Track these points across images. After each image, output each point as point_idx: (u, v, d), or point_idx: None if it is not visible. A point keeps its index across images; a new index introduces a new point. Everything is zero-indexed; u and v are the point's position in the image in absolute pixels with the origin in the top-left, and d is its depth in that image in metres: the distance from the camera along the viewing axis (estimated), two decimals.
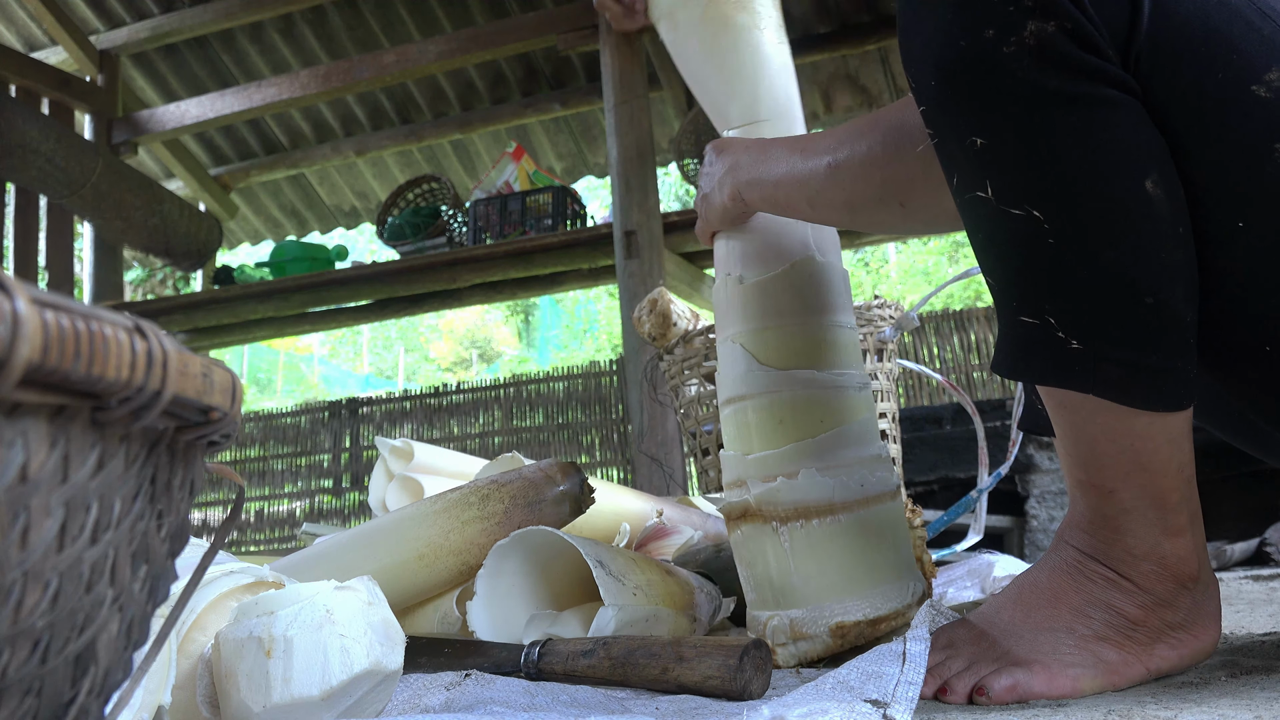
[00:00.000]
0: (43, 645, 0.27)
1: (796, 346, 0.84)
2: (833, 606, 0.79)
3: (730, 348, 0.86)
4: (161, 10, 3.78)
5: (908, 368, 1.66)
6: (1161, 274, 0.57)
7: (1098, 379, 0.59)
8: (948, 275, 11.10)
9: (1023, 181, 0.58)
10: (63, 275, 3.72)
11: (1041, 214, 0.58)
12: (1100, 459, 0.63)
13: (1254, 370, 0.62)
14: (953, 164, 0.62)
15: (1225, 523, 2.15)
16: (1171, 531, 0.63)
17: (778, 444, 0.82)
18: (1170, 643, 0.64)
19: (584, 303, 13.99)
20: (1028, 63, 0.56)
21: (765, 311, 0.85)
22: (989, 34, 0.56)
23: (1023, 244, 0.59)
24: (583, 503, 1.00)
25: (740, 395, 0.85)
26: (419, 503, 0.94)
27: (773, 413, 0.83)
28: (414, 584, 0.89)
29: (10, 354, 0.21)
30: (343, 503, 5.49)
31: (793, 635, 0.80)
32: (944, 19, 0.59)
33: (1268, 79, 0.54)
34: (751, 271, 0.86)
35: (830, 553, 0.80)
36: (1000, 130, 0.58)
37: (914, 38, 0.62)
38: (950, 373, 4.54)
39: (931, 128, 0.63)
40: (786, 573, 0.80)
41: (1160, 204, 0.56)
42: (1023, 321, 0.62)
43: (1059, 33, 0.55)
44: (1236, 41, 0.55)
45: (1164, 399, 0.60)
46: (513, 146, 3.60)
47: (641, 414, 2.77)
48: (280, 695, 0.54)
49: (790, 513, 0.80)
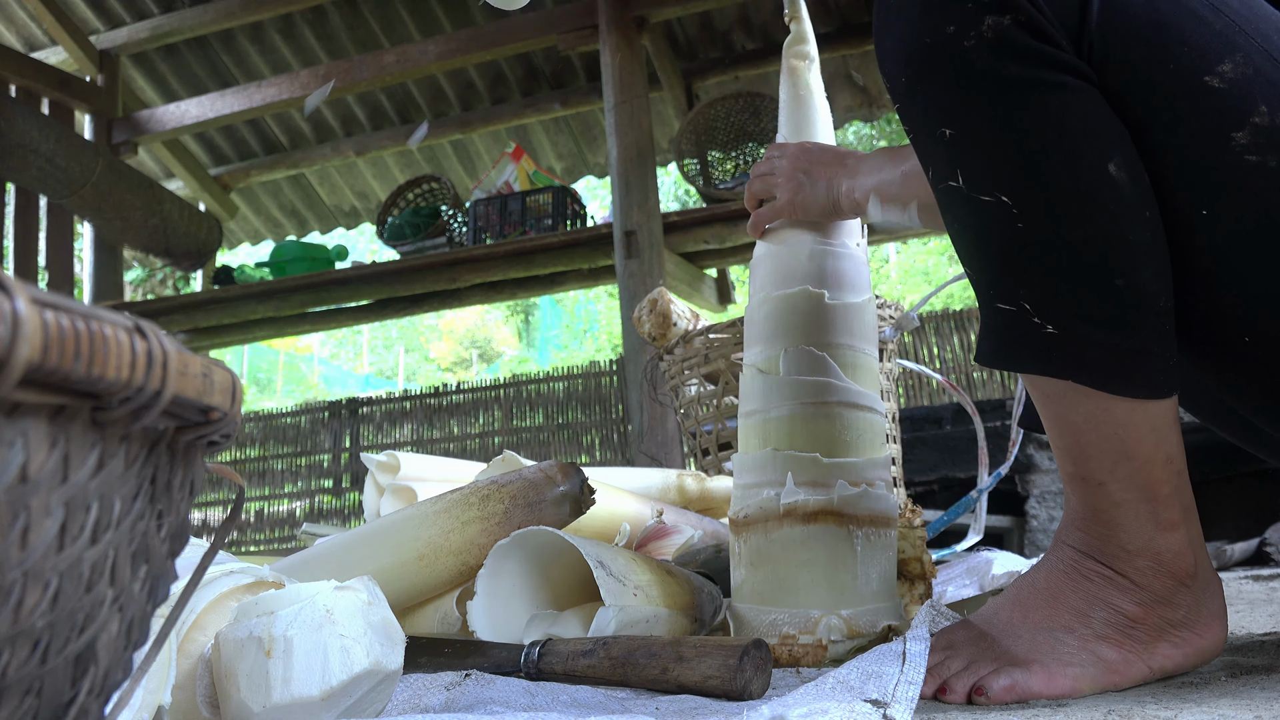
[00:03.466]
0: (43, 645, 0.27)
1: (860, 366, 0.92)
2: (884, 608, 0.86)
3: (815, 355, 0.90)
4: (161, 10, 3.78)
5: (908, 368, 1.66)
6: (1130, 254, 0.59)
7: (1075, 364, 0.61)
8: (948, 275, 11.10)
9: (990, 168, 0.61)
10: (63, 275, 3.73)
11: (1010, 199, 0.60)
12: (1086, 449, 0.64)
13: (1234, 360, 0.63)
14: (927, 156, 0.65)
15: (1225, 523, 2.15)
16: (1164, 526, 0.64)
17: (862, 454, 0.89)
18: (1173, 641, 0.64)
19: (584, 303, 14.00)
20: (987, 54, 0.59)
21: (847, 330, 0.93)
22: (950, 30, 0.60)
23: (994, 230, 0.62)
24: (583, 503, 1.00)
25: (827, 401, 0.89)
26: (419, 504, 0.94)
27: (857, 424, 0.90)
28: (414, 584, 0.89)
29: (10, 354, 0.21)
30: (343, 503, 5.48)
31: (849, 632, 0.83)
32: (910, 18, 0.62)
33: (1220, 70, 0.56)
34: (836, 293, 0.93)
35: (886, 559, 0.88)
36: (966, 119, 0.61)
37: (885, 38, 0.65)
38: (950, 373, 4.54)
39: (905, 122, 0.66)
40: (851, 573, 0.85)
41: (1124, 185, 0.59)
42: (1000, 309, 0.64)
43: (1014, 25, 0.58)
44: (1187, 34, 0.57)
45: (1142, 384, 0.61)
46: (512, 146, 3.60)
47: (641, 414, 2.77)
48: (280, 695, 0.54)
49: (866, 518, 0.87)
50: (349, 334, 15.29)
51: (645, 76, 3.10)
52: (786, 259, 0.94)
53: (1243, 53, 0.56)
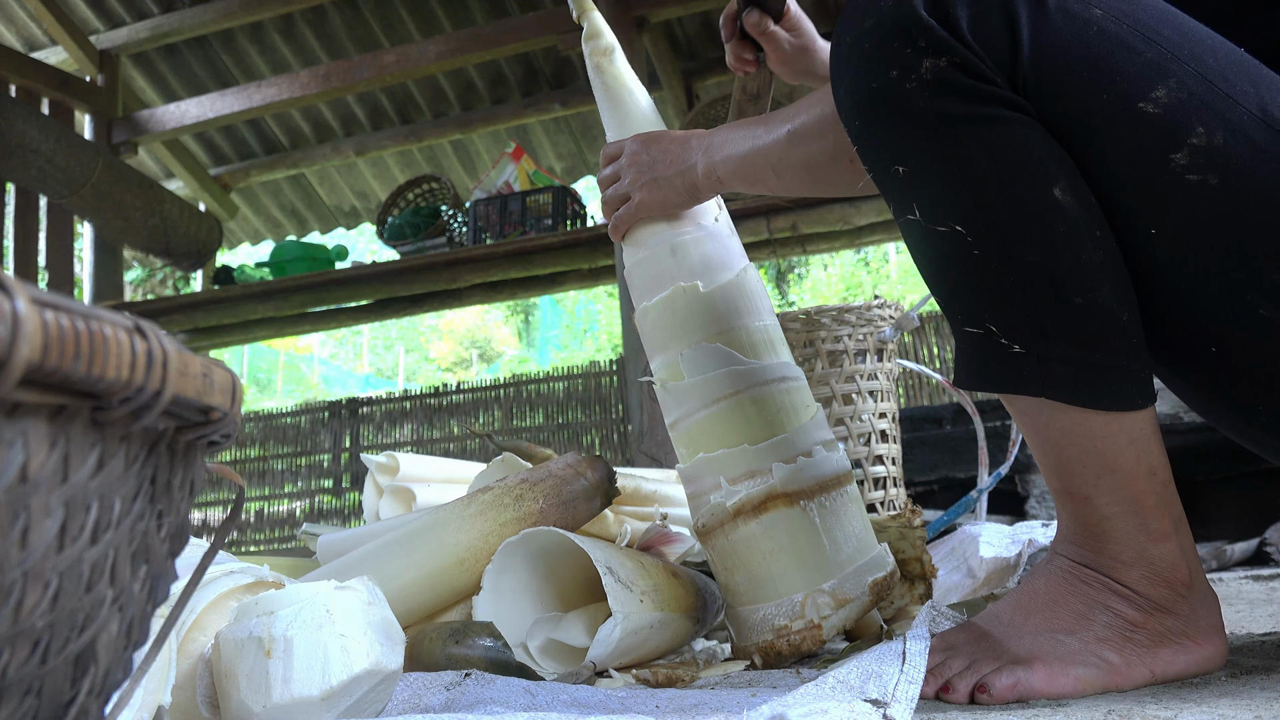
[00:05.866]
0: (43, 645, 0.27)
1: (759, 342, 0.90)
2: (865, 564, 0.85)
3: (710, 348, 0.88)
4: (161, 10, 3.78)
5: (908, 368, 1.66)
6: (1084, 274, 0.61)
7: (1044, 381, 0.63)
8: None
9: (941, 200, 0.64)
10: (63, 275, 3.72)
11: (963, 228, 0.63)
12: (1069, 464, 0.65)
13: (1206, 370, 0.64)
14: (886, 193, 0.68)
15: (1225, 523, 2.14)
16: (1155, 537, 0.64)
17: (788, 427, 0.87)
18: (1173, 648, 0.64)
19: (584, 303, 13.99)
20: (928, 94, 0.62)
21: (733, 312, 0.91)
22: (893, 74, 0.64)
23: (953, 259, 0.64)
24: (611, 494, 1.01)
25: (737, 390, 0.88)
26: (452, 506, 0.94)
27: (775, 400, 0.88)
28: (454, 587, 0.90)
29: (10, 354, 0.21)
30: (343, 503, 5.48)
31: (836, 603, 0.83)
32: (859, 67, 0.66)
33: (1154, 96, 0.59)
34: (708, 279, 0.91)
35: (851, 516, 0.87)
36: (914, 156, 0.64)
37: (839, 87, 0.69)
38: (950, 373, 4.54)
39: (864, 162, 0.69)
40: (819, 546, 0.84)
41: (1071, 208, 0.61)
42: (968, 333, 0.66)
43: (950, 66, 0.62)
44: (1118, 64, 0.59)
45: (1112, 397, 0.62)
46: (512, 146, 3.60)
47: (641, 414, 2.77)
48: (280, 695, 0.54)
49: (814, 488, 0.85)
50: (349, 334, 15.28)
51: (645, 76, 3.10)
52: (651, 264, 0.93)
53: (1176, 78, 0.59)
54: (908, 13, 0.62)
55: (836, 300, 10.26)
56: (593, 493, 0.98)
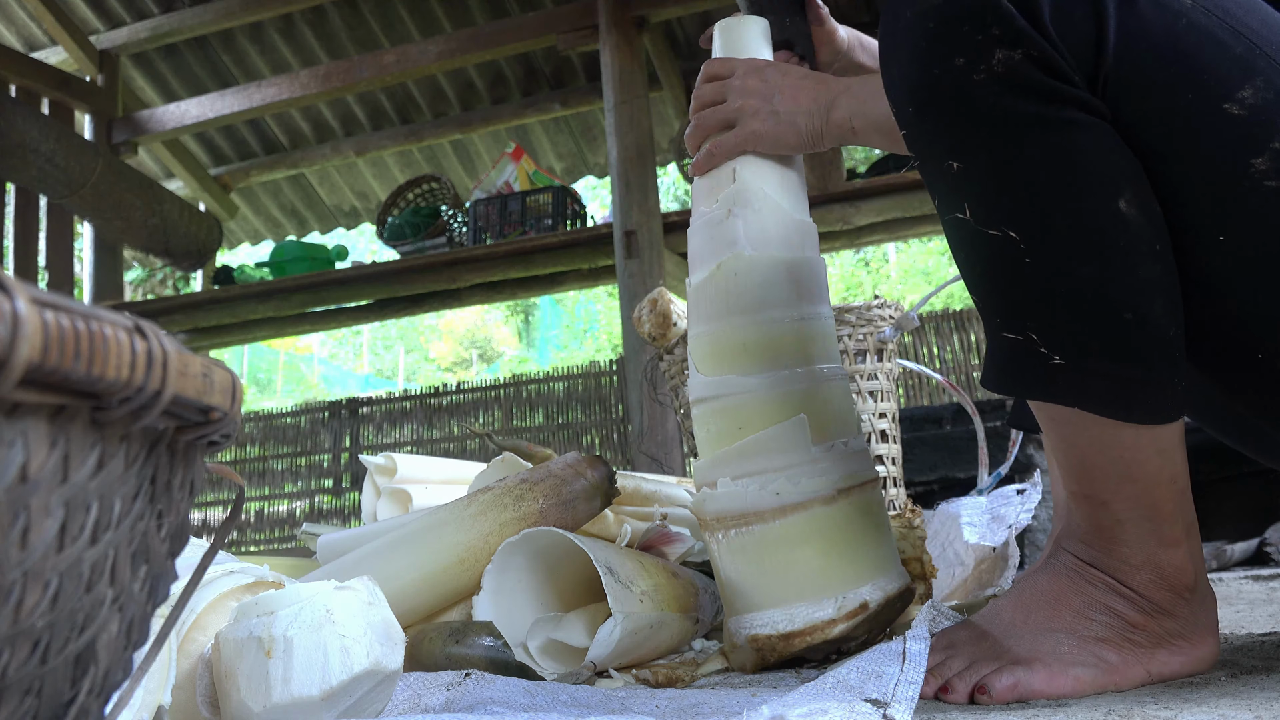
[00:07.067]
0: (43, 645, 0.27)
1: (720, 350, 0.81)
2: (751, 618, 0.77)
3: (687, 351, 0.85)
4: (161, 10, 3.78)
5: (908, 368, 1.66)
6: (1139, 290, 0.58)
7: (1082, 393, 0.60)
8: (948, 275, 11.10)
9: (997, 203, 0.60)
10: (63, 275, 3.72)
11: (1017, 235, 0.59)
12: (1091, 471, 0.64)
13: (1248, 375, 0.63)
14: (933, 186, 0.64)
15: (1225, 523, 2.14)
16: (1167, 542, 0.64)
17: (707, 453, 0.82)
18: (1171, 649, 0.64)
19: (584, 303, 13.98)
20: (996, 89, 0.57)
21: (698, 316, 0.83)
22: (959, 62, 0.58)
23: (1001, 263, 0.61)
24: (611, 494, 1.01)
25: (691, 401, 0.85)
26: (452, 506, 0.94)
27: (704, 421, 0.82)
28: (455, 587, 0.90)
29: (10, 354, 0.21)
30: (343, 503, 5.48)
31: (729, 644, 0.81)
32: (918, 49, 0.61)
33: (1240, 96, 0.55)
34: (694, 274, 0.83)
35: (751, 562, 0.78)
36: (974, 154, 0.60)
37: (891, 66, 0.64)
38: (950, 373, 4.54)
39: (912, 151, 0.65)
40: (721, 582, 0.81)
41: (1134, 222, 0.57)
42: (1007, 338, 0.63)
43: (1025, 60, 0.57)
44: (1207, 62, 0.56)
45: (1150, 411, 0.60)
46: (512, 146, 3.60)
47: (641, 414, 2.77)
48: (280, 695, 0.54)
49: (714, 522, 0.80)
50: (349, 334, 15.28)
51: (645, 76, 3.10)
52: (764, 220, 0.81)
53: (1263, 76, 0.55)
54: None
55: (836, 300, 10.25)
56: (593, 493, 0.98)
